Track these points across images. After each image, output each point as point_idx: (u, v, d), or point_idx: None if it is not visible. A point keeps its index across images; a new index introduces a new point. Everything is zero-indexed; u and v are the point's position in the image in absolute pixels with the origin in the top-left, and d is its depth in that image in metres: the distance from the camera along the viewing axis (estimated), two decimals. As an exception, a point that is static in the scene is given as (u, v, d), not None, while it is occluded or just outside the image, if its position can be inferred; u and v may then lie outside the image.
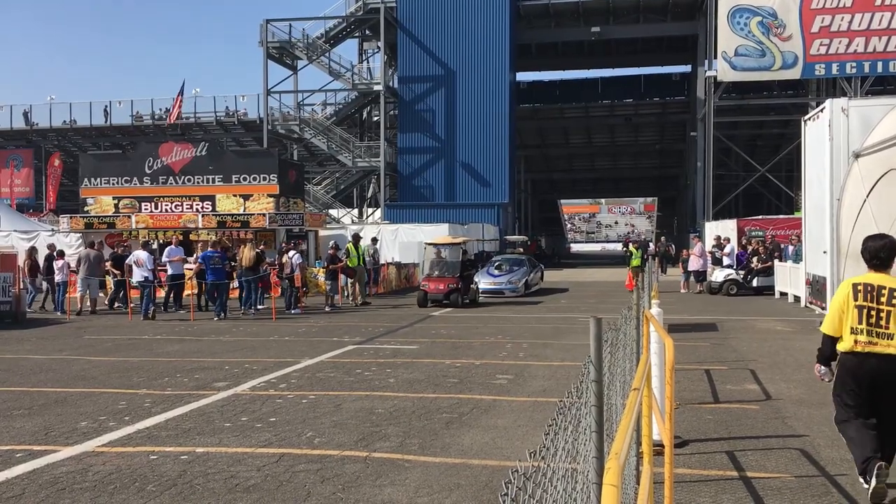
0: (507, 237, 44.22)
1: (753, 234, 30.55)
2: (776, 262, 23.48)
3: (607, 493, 1.58)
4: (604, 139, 66.54)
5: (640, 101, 58.69)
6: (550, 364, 11.22)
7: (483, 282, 23.90)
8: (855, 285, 5.40)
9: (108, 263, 20.68)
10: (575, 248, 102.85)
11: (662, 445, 4.56)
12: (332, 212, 44.74)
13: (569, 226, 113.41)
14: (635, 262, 24.67)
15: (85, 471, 6.15)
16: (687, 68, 54.45)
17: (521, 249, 43.33)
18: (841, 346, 5.38)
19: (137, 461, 6.40)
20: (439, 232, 32.78)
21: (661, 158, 69.40)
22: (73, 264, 20.91)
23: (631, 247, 27.48)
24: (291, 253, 20.29)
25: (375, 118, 48.99)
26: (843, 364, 5.39)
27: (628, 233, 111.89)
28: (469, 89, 44.58)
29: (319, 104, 49.87)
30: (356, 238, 22.86)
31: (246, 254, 19.59)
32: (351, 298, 22.06)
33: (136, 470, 6.14)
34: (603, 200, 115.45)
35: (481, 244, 37.61)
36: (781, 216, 33.22)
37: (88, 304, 19.93)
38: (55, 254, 20.80)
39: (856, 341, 5.28)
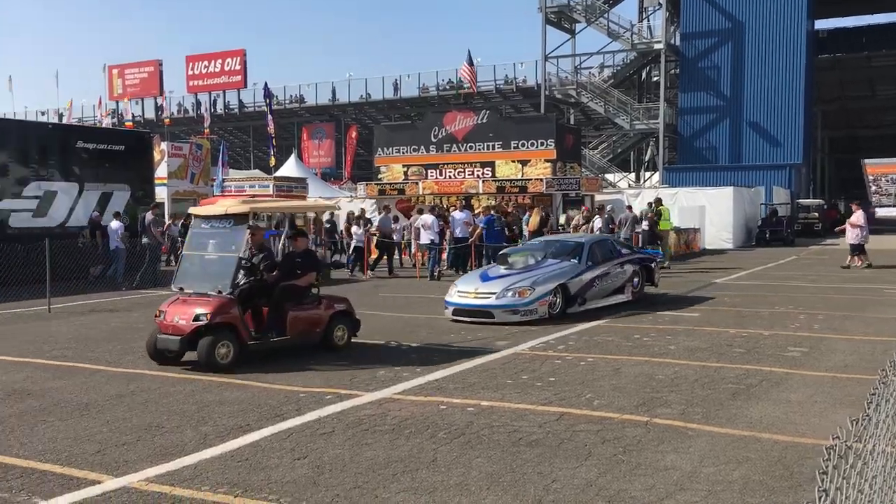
0: (800, 201, 40.91)
1: None
2: None
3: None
4: (920, 89, 58.65)
5: (968, 43, 50.84)
6: (851, 338, 10.25)
7: (459, 289, 12.65)
8: None
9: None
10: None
11: None
12: (609, 176, 44.21)
13: (874, 188, 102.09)
14: None
15: (384, 415, 6.71)
16: None
17: (817, 214, 39.95)
18: None
19: (429, 410, 6.86)
20: (722, 196, 30.93)
21: None
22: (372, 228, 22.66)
23: None
24: (596, 218, 20.63)
25: (655, 78, 47.40)
26: None
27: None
28: (759, 42, 41.48)
29: (596, 67, 49.31)
30: (659, 201, 22.62)
31: (532, 218, 20.05)
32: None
33: (428, 417, 6.59)
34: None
35: (764, 209, 35.03)
36: None
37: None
38: (355, 219, 22.64)
39: None
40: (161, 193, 25.90)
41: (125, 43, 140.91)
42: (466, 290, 12.54)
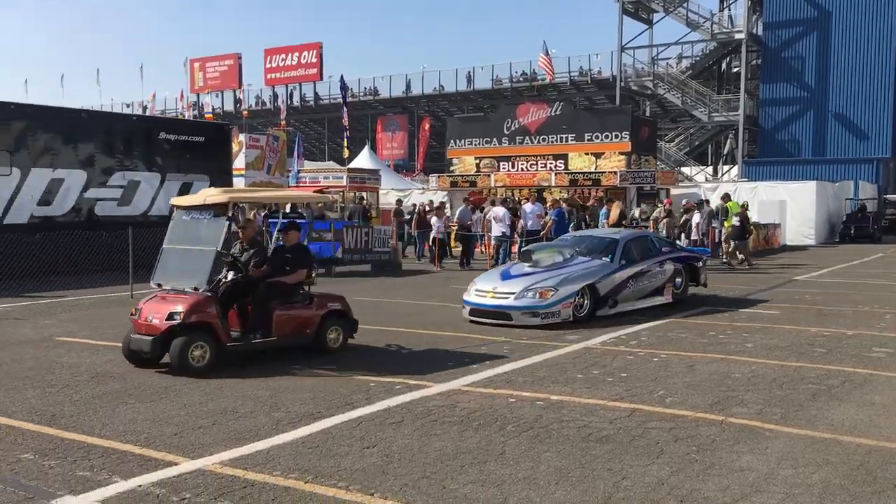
0: (887, 196, 39.27)
1: None
2: None
3: None
4: None
5: None
6: (942, 340, 9.79)
7: (477, 288, 11.69)
8: None
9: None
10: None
11: None
12: (685, 169, 43.30)
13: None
14: None
15: (453, 406, 6.72)
16: None
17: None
18: None
19: (498, 402, 6.83)
20: (805, 190, 29.92)
21: None
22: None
23: None
24: (695, 213, 20.43)
25: (735, 69, 46.15)
26: None
27: None
28: (847, 31, 39.96)
29: (674, 58, 48.25)
30: (727, 197, 22.22)
31: (612, 213, 19.71)
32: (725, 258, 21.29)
33: (497, 410, 6.57)
34: None
35: (851, 204, 33.65)
36: None
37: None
38: (434, 211, 22.61)
39: None
40: (239, 184, 26.51)
41: (206, 37, 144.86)
42: (484, 288, 11.55)
